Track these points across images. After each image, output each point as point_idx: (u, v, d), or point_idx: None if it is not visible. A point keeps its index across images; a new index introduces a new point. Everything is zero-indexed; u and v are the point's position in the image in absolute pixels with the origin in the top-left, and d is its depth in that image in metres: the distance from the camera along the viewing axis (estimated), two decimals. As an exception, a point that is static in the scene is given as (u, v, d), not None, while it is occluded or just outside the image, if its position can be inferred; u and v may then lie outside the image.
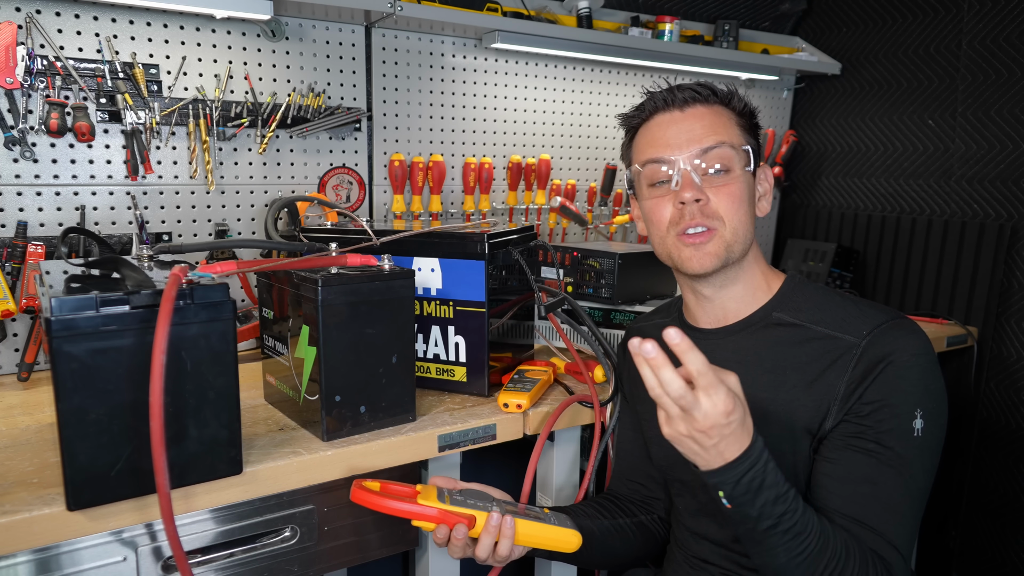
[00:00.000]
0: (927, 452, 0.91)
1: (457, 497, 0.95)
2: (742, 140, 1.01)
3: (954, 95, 2.11)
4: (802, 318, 1.01)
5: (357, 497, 0.92)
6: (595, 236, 2.24)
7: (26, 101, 1.39)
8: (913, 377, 0.91)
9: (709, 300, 1.07)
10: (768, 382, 0.99)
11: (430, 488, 0.96)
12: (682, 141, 1.00)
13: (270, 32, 1.62)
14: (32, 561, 0.90)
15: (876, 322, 0.95)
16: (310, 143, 1.72)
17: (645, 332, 1.22)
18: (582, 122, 2.18)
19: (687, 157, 0.99)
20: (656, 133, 1.03)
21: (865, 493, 0.90)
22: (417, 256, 1.30)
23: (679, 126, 1.01)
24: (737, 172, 0.99)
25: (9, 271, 1.39)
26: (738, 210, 0.99)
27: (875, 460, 0.90)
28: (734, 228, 0.99)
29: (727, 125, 1.01)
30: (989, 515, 2.07)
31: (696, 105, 1.01)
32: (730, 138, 1.00)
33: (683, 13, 2.32)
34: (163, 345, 0.79)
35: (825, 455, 0.94)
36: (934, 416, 0.91)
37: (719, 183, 0.99)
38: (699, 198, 0.97)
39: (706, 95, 1.01)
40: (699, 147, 0.99)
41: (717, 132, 0.99)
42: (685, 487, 1.11)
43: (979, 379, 2.06)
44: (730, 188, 0.99)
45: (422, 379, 1.32)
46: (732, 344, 1.05)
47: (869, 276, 2.33)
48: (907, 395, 0.91)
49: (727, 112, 1.02)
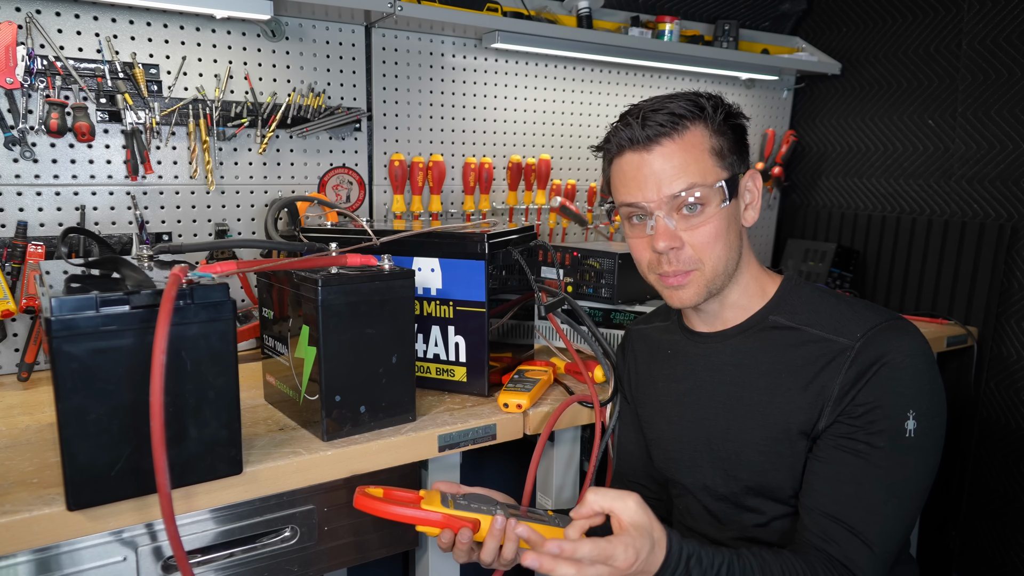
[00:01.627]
0: (921, 453, 0.91)
1: (461, 501, 0.95)
2: (716, 173, 0.96)
3: (954, 95, 2.11)
4: (798, 321, 1.01)
5: (361, 504, 0.91)
6: (595, 236, 2.24)
7: (26, 101, 1.39)
8: (906, 378, 0.91)
9: (704, 311, 1.08)
10: (765, 385, 1.00)
11: (433, 493, 0.95)
12: (651, 186, 0.96)
13: (270, 32, 1.62)
14: (32, 561, 0.90)
15: (870, 324, 0.95)
16: (310, 143, 1.72)
17: (644, 334, 1.22)
18: (582, 122, 2.18)
19: (658, 203, 0.96)
20: (628, 174, 0.99)
21: (848, 493, 0.91)
22: (417, 256, 1.30)
23: (648, 168, 0.96)
24: (712, 209, 0.96)
25: (9, 271, 1.39)
26: (714, 247, 0.97)
27: (863, 461, 0.91)
28: (713, 266, 0.98)
29: (699, 159, 0.95)
30: (989, 515, 2.06)
31: (663, 141, 0.95)
32: (703, 177, 0.95)
33: (683, 13, 2.32)
34: (163, 345, 0.79)
35: (816, 454, 0.95)
36: (929, 416, 0.91)
37: (695, 223, 0.96)
38: (674, 246, 0.97)
39: (673, 124, 0.95)
40: (669, 192, 0.95)
41: (688, 172, 0.95)
42: (685, 489, 1.11)
43: (979, 379, 2.06)
44: (706, 228, 0.96)
45: (422, 379, 1.32)
46: (730, 347, 1.05)
47: (869, 276, 2.33)
48: (900, 396, 0.91)
49: (701, 136, 0.96)
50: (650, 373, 1.17)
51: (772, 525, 1.01)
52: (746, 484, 1.01)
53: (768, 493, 1.00)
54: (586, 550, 0.77)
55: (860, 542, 0.89)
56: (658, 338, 1.18)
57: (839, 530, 0.90)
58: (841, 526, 0.90)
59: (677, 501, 1.15)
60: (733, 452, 1.01)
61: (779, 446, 0.97)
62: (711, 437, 1.04)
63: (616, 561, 0.77)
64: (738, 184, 1.00)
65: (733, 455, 1.02)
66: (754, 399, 1.00)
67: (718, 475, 1.04)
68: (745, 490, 1.02)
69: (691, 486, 1.09)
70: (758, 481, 1.00)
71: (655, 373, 1.16)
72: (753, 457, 0.99)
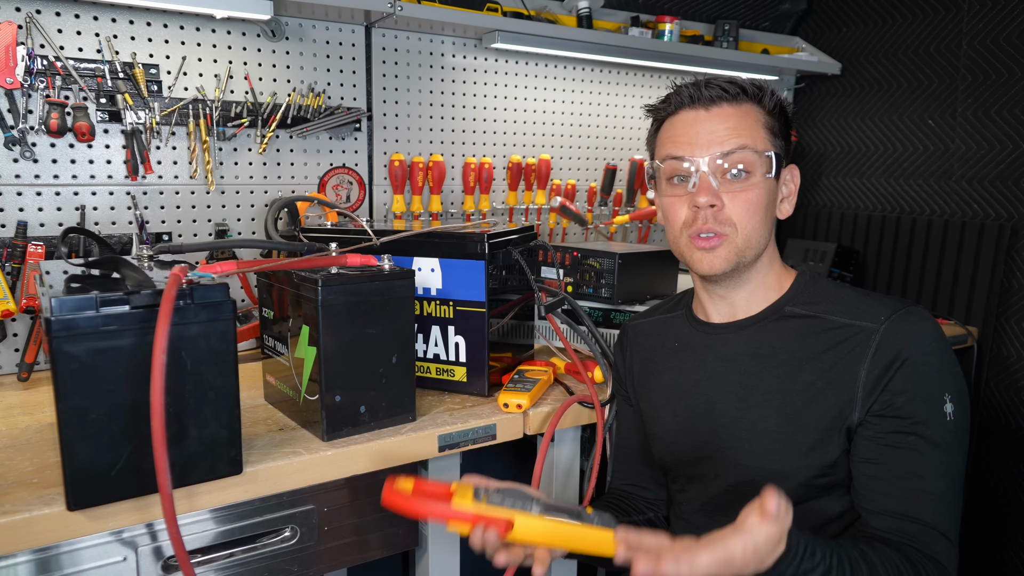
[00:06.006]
0: (962, 434, 0.93)
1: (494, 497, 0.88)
2: (767, 144, 0.99)
3: (954, 95, 2.11)
4: (816, 310, 1.01)
5: (389, 501, 0.87)
6: (595, 236, 2.24)
7: (26, 101, 1.39)
8: (937, 362, 0.92)
9: (721, 297, 1.07)
10: (784, 373, 0.99)
11: (466, 487, 0.90)
12: (704, 142, 0.98)
13: (270, 32, 1.62)
14: (32, 561, 0.90)
15: (892, 309, 0.96)
16: (310, 143, 1.72)
17: (644, 328, 1.22)
18: (582, 122, 2.17)
19: (707, 159, 0.97)
20: (679, 130, 1.01)
21: (913, 488, 0.90)
22: (417, 256, 1.30)
23: (703, 125, 0.98)
24: (757, 178, 0.98)
25: (9, 271, 1.39)
26: (752, 217, 0.98)
27: (917, 453, 0.91)
28: (747, 235, 0.98)
29: (753, 127, 0.98)
30: (989, 515, 2.06)
31: (723, 104, 0.99)
32: (754, 142, 0.97)
33: (683, 13, 2.32)
34: (163, 345, 0.79)
35: (866, 456, 0.93)
36: (960, 398, 0.93)
37: (737, 188, 0.97)
38: (714, 203, 0.97)
39: (734, 93, 0.98)
40: (720, 150, 0.97)
41: (741, 135, 0.97)
42: (692, 480, 1.10)
43: (979, 379, 2.06)
44: (747, 194, 0.97)
45: (422, 379, 1.32)
46: (744, 337, 1.05)
47: (869, 276, 2.33)
48: (935, 381, 0.92)
49: (756, 111, 1.00)
50: (654, 367, 1.16)
51: None
52: (755, 474, 1.00)
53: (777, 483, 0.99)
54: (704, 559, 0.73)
55: (938, 534, 0.89)
56: (662, 331, 1.18)
57: (916, 527, 0.89)
58: (917, 524, 0.89)
59: (679, 496, 1.15)
60: (745, 441, 1.01)
61: (797, 433, 0.96)
62: (721, 427, 1.04)
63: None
64: (782, 167, 1.02)
65: (745, 444, 1.01)
66: (771, 387, 0.99)
67: (726, 466, 1.03)
68: (752, 480, 1.01)
69: (694, 478, 1.08)
70: (770, 470, 0.99)
71: (660, 366, 1.15)
72: (768, 445, 0.99)
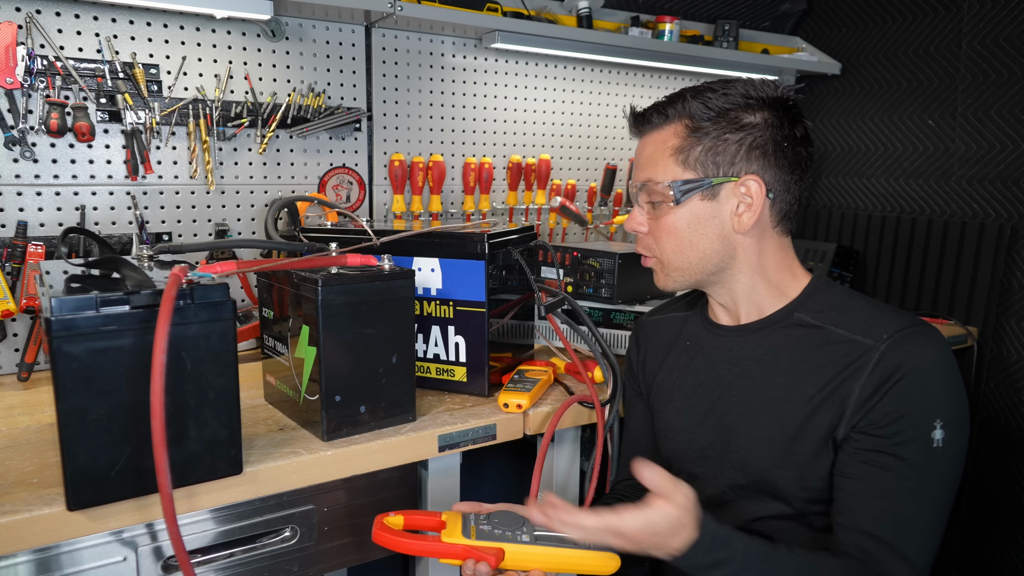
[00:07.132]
0: (949, 462, 0.90)
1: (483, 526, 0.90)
2: (673, 173, 0.98)
3: (954, 95, 2.11)
4: (824, 320, 0.99)
5: (379, 539, 0.89)
6: (595, 236, 2.24)
7: (26, 101, 1.39)
8: (932, 387, 0.90)
9: (718, 303, 1.09)
10: (784, 383, 0.99)
11: (455, 516, 0.92)
12: (635, 171, 1.05)
13: (270, 32, 1.62)
14: (32, 561, 0.90)
15: (897, 327, 0.93)
16: (310, 143, 1.72)
17: (660, 324, 1.21)
18: (582, 122, 2.17)
19: (636, 188, 1.04)
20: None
21: (882, 508, 0.89)
22: (417, 256, 1.30)
23: (638, 154, 1.05)
24: (667, 206, 1.00)
25: (9, 271, 1.39)
26: (667, 242, 1.02)
27: (892, 474, 0.89)
28: (667, 258, 1.03)
29: (660, 155, 0.99)
30: (989, 515, 2.06)
31: (649, 131, 1.02)
32: (656, 173, 1.00)
33: (683, 13, 2.31)
34: (163, 345, 0.79)
35: (844, 471, 0.93)
36: (955, 425, 0.90)
37: (656, 214, 1.02)
38: (638, 231, 1.06)
39: (657, 122, 1.01)
40: (637, 182, 1.03)
41: (648, 167, 1.01)
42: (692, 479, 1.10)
43: (979, 379, 2.06)
44: (661, 221, 1.01)
45: (422, 379, 1.32)
46: (751, 342, 1.04)
47: (869, 276, 2.33)
48: (926, 405, 0.89)
49: (670, 134, 0.99)
50: (665, 363, 1.16)
51: (771, 523, 1.01)
52: (752, 479, 1.00)
53: (772, 491, 0.99)
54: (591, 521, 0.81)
55: (900, 557, 0.88)
56: (678, 328, 1.18)
57: (876, 547, 0.88)
58: (878, 543, 0.88)
59: None
60: (743, 447, 1.01)
61: (793, 444, 0.96)
62: (722, 430, 1.04)
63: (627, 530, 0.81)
64: (716, 188, 0.97)
65: (743, 449, 1.01)
66: (771, 396, 0.99)
67: (725, 468, 1.03)
68: (749, 485, 1.01)
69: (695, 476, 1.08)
70: (764, 478, 0.99)
71: (671, 363, 1.15)
72: (764, 453, 0.99)
